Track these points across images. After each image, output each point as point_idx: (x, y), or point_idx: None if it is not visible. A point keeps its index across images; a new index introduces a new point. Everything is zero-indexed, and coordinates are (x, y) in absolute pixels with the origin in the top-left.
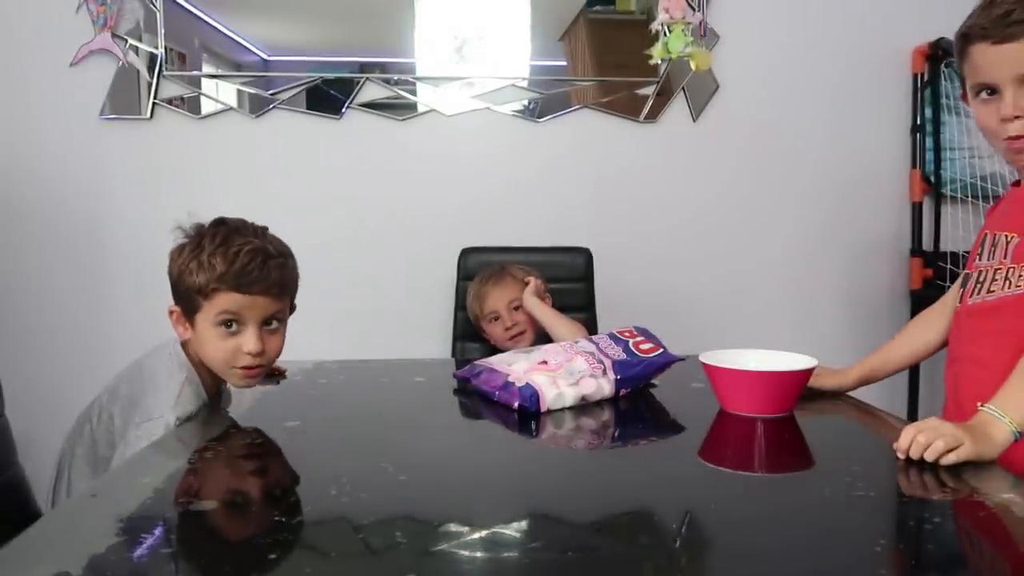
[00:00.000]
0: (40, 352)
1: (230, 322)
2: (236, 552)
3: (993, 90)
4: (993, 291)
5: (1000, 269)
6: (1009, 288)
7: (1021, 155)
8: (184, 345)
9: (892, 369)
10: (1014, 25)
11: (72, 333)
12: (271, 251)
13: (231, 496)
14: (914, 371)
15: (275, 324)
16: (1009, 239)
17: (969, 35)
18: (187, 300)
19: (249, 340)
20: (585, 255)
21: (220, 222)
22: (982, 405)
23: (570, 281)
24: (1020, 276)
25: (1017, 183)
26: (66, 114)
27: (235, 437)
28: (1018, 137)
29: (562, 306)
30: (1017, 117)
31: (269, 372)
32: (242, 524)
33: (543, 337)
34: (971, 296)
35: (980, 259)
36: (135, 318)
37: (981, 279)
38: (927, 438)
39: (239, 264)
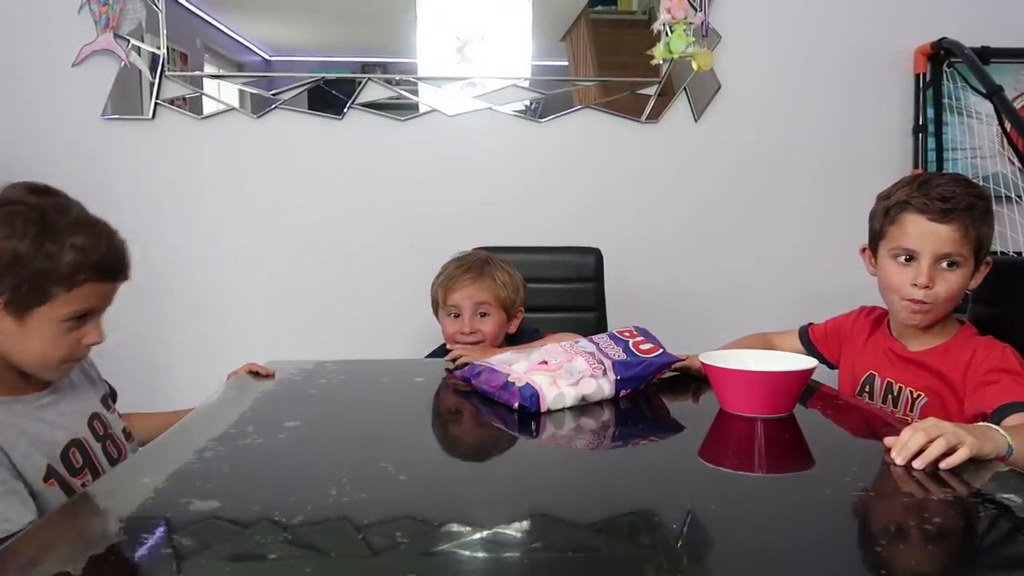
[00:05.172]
0: None
1: (83, 316)
2: (236, 552)
3: (911, 257)
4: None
5: (906, 419)
6: None
7: (915, 316)
8: None
9: None
10: (950, 212)
11: None
12: (112, 227)
13: (231, 496)
14: None
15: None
16: (915, 396)
17: (908, 204)
18: (29, 291)
19: (95, 332)
20: (595, 255)
21: (44, 190)
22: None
23: (580, 281)
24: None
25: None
26: (68, 114)
27: (235, 437)
28: (921, 302)
29: (572, 306)
30: (926, 287)
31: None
32: (242, 524)
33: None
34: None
35: (867, 397)
36: (134, 317)
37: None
38: (927, 435)
39: (106, 248)
